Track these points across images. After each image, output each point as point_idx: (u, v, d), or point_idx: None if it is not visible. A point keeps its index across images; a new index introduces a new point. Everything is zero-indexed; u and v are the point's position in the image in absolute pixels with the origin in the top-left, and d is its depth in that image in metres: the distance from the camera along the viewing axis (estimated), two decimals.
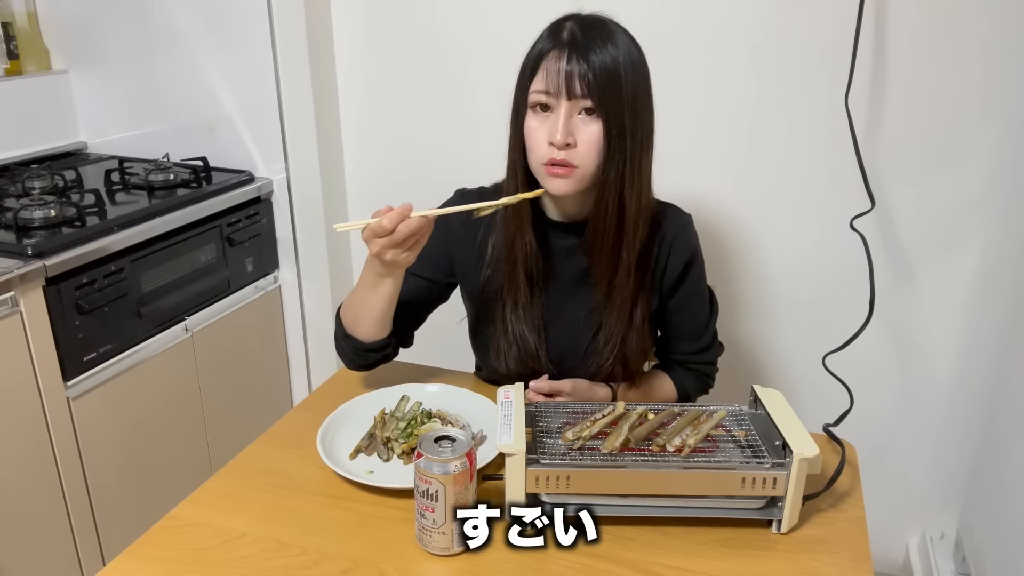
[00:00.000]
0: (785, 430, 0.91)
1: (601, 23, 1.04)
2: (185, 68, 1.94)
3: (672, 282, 1.18)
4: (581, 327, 1.17)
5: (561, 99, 1.01)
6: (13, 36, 1.97)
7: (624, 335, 1.14)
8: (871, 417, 1.76)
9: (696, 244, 1.19)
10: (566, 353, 1.19)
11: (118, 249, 1.55)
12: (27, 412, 1.44)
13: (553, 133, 1.02)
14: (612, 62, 1.00)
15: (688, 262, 1.18)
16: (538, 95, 1.03)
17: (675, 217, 1.18)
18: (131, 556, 0.88)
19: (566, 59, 1.00)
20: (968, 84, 1.51)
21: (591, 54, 1.00)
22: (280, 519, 0.93)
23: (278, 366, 2.10)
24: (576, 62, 1.00)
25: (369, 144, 1.99)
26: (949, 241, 1.62)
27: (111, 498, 1.63)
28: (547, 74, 1.02)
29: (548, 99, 1.03)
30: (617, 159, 1.04)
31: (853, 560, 0.88)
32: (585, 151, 1.03)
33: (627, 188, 1.06)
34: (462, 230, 1.19)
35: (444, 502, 0.85)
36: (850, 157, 1.52)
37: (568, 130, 1.02)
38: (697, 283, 1.21)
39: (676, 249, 1.16)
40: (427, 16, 1.81)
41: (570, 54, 1.00)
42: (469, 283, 1.22)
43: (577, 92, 1.00)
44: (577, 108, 1.02)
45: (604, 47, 1.00)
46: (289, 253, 2.02)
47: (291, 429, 1.12)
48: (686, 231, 1.18)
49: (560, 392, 1.12)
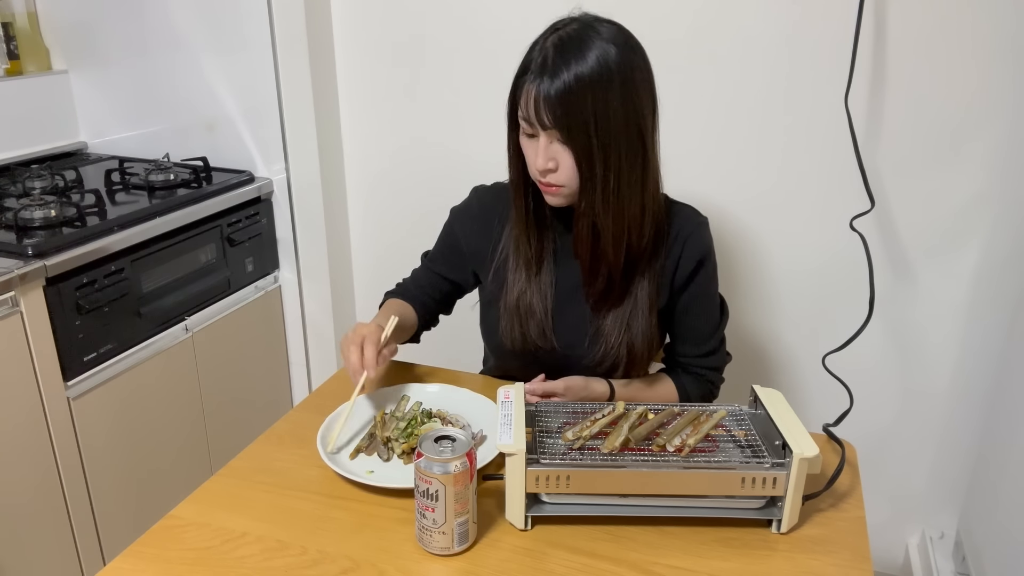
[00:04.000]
0: (785, 430, 0.91)
1: (577, 38, 1.02)
2: (185, 68, 1.94)
3: (682, 280, 1.19)
4: (588, 311, 1.19)
5: (537, 127, 1.04)
6: (13, 36, 1.97)
7: (629, 319, 1.16)
8: (871, 417, 1.76)
9: (710, 246, 1.20)
10: (573, 337, 1.20)
11: (118, 249, 1.55)
12: (27, 412, 1.44)
13: (535, 158, 1.06)
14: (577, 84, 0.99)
15: (700, 261, 1.18)
16: (522, 120, 1.07)
17: (690, 217, 1.20)
18: (131, 556, 0.88)
19: (535, 89, 1.01)
20: (968, 84, 1.51)
21: (557, 79, 1.00)
22: (280, 519, 0.93)
23: (278, 366, 2.10)
24: (545, 90, 1.00)
25: (369, 144, 1.99)
26: (949, 241, 1.62)
27: (111, 498, 1.63)
28: (526, 100, 1.04)
29: (528, 127, 1.06)
30: (588, 188, 1.06)
31: (853, 560, 0.88)
32: (569, 173, 1.06)
33: (600, 216, 1.08)
34: (475, 222, 1.25)
35: (444, 502, 0.85)
36: (850, 157, 1.52)
37: (548, 155, 1.05)
38: (707, 285, 1.22)
39: (689, 247, 1.17)
40: (427, 16, 1.81)
41: (541, 80, 1.01)
42: (484, 269, 1.25)
43: (547, 123, 1.02)
44: (553, 136, 1.04)
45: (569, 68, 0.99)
46: (289, 253, 2.03)
47: (291, 429, 1.12)
48: (700, 231, 1.19)
49: (554, 393, 1.12)
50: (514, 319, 1.20)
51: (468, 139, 1.88)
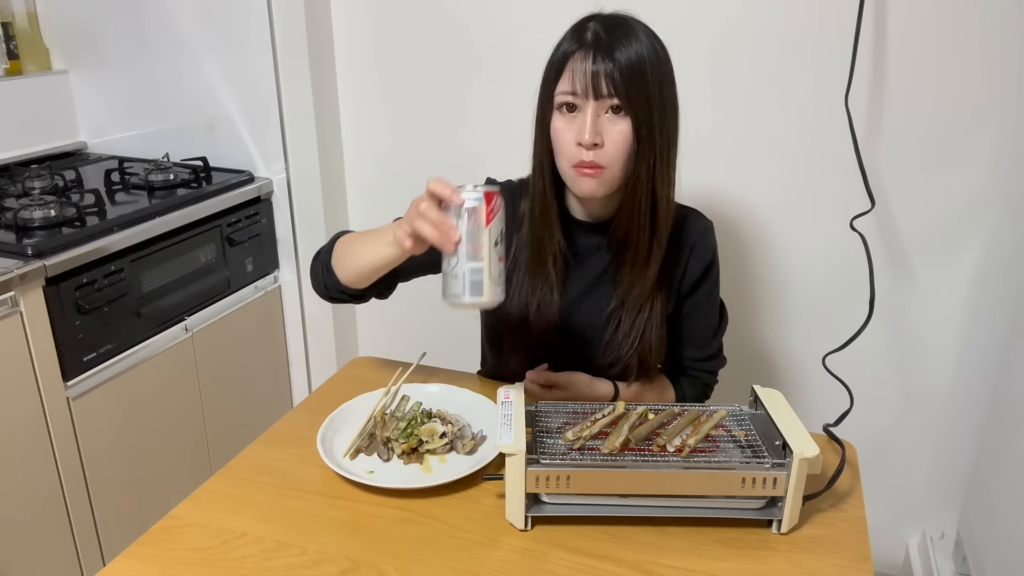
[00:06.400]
0: (785, 430, 0.91)
1: (624, 21, 1.04)
2: (185, 68, 1.94)
3: (690, 286, 1.19)
4: (601, 323, 1.17)
5: (588, 99, 1.01)
6: (13, 36, 1.97)
7: (643, 330, 1.15)
8: (871, 417, 1.76)
9: (716, 250, 1.20)
10: (585, 347, 1.19)
11: (118, 249, 1.55)
12: (27, 412, 1.43)
13: (581, 133, 1.02)
14: (637, 59, 1.00)
15: (708, 267, 1.18)
16: (564, 96, 1.03)
17: (697, 221, 1.19)
18: (131, 556, 0.88)
19: (591, 59, 1.00)
20: (968, 84, 1.51)
21: (616, 53, 0.99)
22: (280, 519, 0.93)
23: (278, 366, 2.10)
24: (602, 62, 1.00)
25: (369, 144, 1.99)
26: (949, 241, 1.62)
27: (111, 498, 1.63)
28: (573, 75, 1.02)
29: (575, 99, 1.03)
30: (648, 156, 1.04)
31: (853, 560, 0.88)
32: (613, 151, 1.03)
33: (659, 185, 1.06)
34: None
35: (460, 242, 0.86)
36: (850, 157, 1.52)
37: (596, 130, 1.02)
38: (712, 290, 1.22)
39: (697, 253, 1.17)
40: (427, 16, 1.81)
41: (595, 54, 1.00)
42: None
43: (603, 91, 1.00)
44: (604, 107, 1.02)
45: (628, 45, 1.00)
46: (289, 253, 2.02)
47: (291, 429, 1.12)
48: (707, 236, 1.19)
49: (556, 384, 1.12)
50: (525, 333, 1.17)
51: (469, 139, 1.88)
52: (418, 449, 1.03)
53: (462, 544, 0.89)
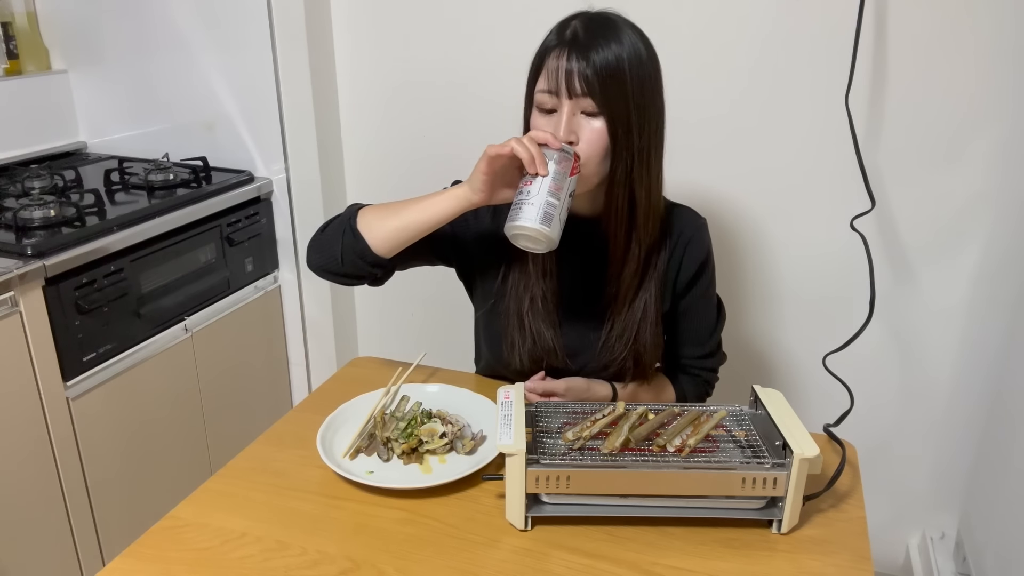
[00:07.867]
0: (785, 430, 0.91)
1: (606, 20, 1.03)
2: (185, 68, 1.94)
3: (684, 284, 1.19)
4: (595, 322, 1.17)
5: (563, 98, 1.01)
6: (13, 36, 1.97)
7: (637, 330, 1.15)
8: (871, 417, 1.76)
9: (710, 248, 1.20)
10: (580, 348, 1.19)
11: (118, 249, 1.55)
12: (27, 412, 1.43)
13: (556, 131, 1.02)
14: (615, 59, 0.99)
15: (702, 264, 1.18)
16: (541, 94, 1.04)
17: (691, 219, 1.19)
18: (131, 556, 0.88)
19: (566, 57, 1.00)
20: (968, 84, 1.51)
21: (591, 52, 0.99)
22: (280, 519, 0.93)
23: (278, 366, 2.09)
24: (576, 60, 0.99)
25: (369, 144, 1.99)
26: (949, 241, 1.62)
27: (111, 498, 1.63)
28: (549, 72, 1.02)
29: (550, 98, 1.03)
30: (625, 156, 1.04)
31: (853, 560, 0.88)
32: (587, 149, 1.02)
33: (637, 185, 1.06)
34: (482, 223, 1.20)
35: (544, 179, 0.95)
36: (850, 157, 1.52)
37: (571, 128, 1.02)
38: (708, 287, 1.21)
39: (690, 250, 1.17)
40: (427, 16, 1.81)
41: (570, 52, 1.00)
42: (488, 279, 1.21)
43: (577, 91, 1.00)
44: (579, 107, 1.02)
45: (607, 44, 1.00)
46: (289, 253, 2.02)
47: (291, 429, 1.12)
48: (701, 233, 1.18)
49: (554, 392, 1.12)
50: (524, 341, 1.16)
51: (469, 139, 1.87)
52: (418, 449, 1.03)
53: (462, 544, 0.89)
